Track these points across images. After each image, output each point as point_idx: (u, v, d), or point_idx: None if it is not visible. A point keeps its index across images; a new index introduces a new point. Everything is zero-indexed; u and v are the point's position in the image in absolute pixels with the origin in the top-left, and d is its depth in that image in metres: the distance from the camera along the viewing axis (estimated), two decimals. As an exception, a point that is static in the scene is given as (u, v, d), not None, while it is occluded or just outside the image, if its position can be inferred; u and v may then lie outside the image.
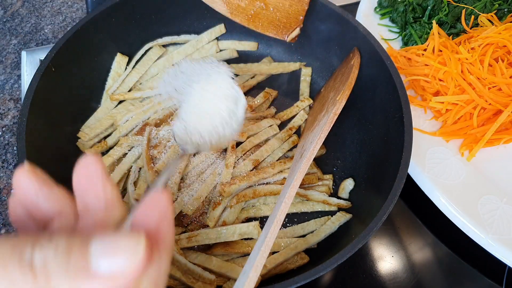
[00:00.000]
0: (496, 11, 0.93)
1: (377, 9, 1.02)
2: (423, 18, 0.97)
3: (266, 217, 0.73)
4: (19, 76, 0.98)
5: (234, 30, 0.92)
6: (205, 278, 0.61)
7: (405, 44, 0.97)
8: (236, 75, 0.88)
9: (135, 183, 0.72)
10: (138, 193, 0.70)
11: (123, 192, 0.73)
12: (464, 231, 0.72)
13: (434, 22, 0.89)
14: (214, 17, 0.86)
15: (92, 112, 0.80)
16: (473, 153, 0.79)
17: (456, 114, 0.81)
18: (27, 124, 0.62)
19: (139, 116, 0.79)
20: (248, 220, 0.72)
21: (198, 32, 0.91)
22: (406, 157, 0.63)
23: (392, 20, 1.01)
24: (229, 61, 0.87)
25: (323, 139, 0.65)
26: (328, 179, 0.77)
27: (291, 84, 0.92)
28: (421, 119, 0.84)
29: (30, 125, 0.63)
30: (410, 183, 0.77)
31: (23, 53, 0.99)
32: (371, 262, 0.75)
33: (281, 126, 0.84)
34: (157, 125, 0.78)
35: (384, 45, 0.96)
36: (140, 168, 0.74)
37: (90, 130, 0.76)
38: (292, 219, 0.74)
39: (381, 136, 0.75)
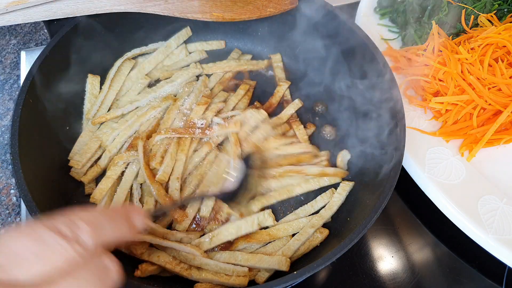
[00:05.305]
0: (496, 11, 0.93)
1: (377, 9, 1.02)
2: (423, 18, 0.97)
3: (278, 203, 0.74)
4: (18, 76, 0.98)
5: (200, 31, 0.91)
6: (238, 272, 0.63)
7: (405, 44, 0.97)
8: (209, 75, 0.88)
9: (140, 200, 0.71)
10: (147, 208, 0.70)
11: None
12: (464, 231, 0.72)
13: (434, 22, 0.89)
14: (177, 21, 0.83)
15: (76, 138, 0.77)
16: (473, 153, 0.79)
17: (456, 114, 0.81)
18: (21, 163, 0.61)
19: (126, 132, 0.76)
20: (261, 209, 0.73)
21: (164, 38, 0.89)
22: (401, 109, 0.68)
23: (392, 20, 1.01)
24: (199, 62, 0.89)
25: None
26: (325, 155, 0.78)
27: (266, 73, 0.92)
28: (421, 119, 0.84)
29: (23, 163, 0.61)
30: (410, 183, 0.78)
31: (22, 53, 0.99)
32: (371, 262, 0.75)
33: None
34: (148, 137, 0.76)
35: (384, 45, 0.96)
36: (141, 184, 0.73)
37: (80, 156, 0.74)
38: (299, 200, 0.75)
39: (367, 100, 0.77)
